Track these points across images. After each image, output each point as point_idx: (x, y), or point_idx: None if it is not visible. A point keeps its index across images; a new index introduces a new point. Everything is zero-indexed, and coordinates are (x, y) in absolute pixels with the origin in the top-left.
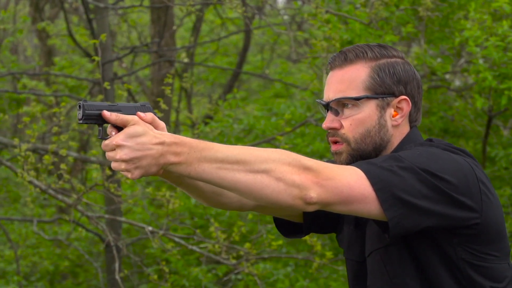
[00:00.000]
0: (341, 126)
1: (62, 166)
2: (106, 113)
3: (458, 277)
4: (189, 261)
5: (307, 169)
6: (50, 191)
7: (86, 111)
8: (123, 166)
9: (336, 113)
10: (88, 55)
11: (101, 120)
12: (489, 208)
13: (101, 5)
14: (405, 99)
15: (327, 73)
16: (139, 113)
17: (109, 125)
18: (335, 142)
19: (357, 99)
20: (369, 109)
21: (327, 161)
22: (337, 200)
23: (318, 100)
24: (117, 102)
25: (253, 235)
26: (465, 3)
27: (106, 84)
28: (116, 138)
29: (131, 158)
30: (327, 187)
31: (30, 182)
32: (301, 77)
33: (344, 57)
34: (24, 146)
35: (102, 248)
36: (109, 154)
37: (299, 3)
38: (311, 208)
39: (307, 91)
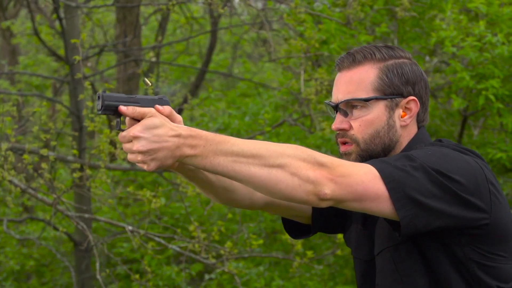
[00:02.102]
0: (350, 127)
1: (43, 165)
2: (122, 108)
3: (466, 277)
4: (160, 260)
5: (321, 165)
6: (30, 190)
7: (106, 102)
8: (139, 157)
9: (345, 114)
10: (54, 54)
11: (118, 112)
12: (498, 208)
13: (73, 4)
14: (413, 99)
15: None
16: (157, 106)
17: (128, 117)
18: (344, 143)
19: (367, 100)
20: (378, 110)
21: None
22: (351, 197)
23: (326, 102)
24: (136, 95)
25: (229, 234)
26: (436, 3)
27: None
28: (133, 129)
29: (148, 150)
30: (341, 184)
31: (10, 181)
32: (267, 76)
33: (352, 59)
34: (5, 146)
35: (71, 247)
36: (126, 146)
37: (276, 4)
38: (324, 204)
39: (284, 90)
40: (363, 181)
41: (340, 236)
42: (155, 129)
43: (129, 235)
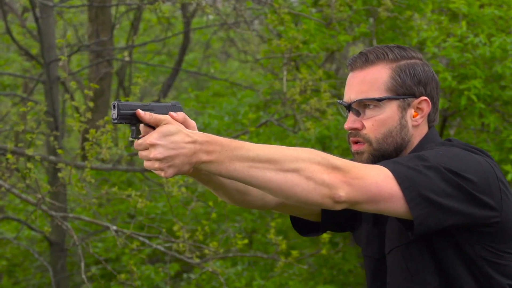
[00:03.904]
0: (363, 126)
1: (29, 165)
2: (140, 112)
3: (476, 274)
4: (137, 260)
5: (336, 168)
6: (14, 190)
7: (121, 111)
8: (156, 165)
9: (358, 114)
10: (27, 53)
11: (134, 120)
12: (508, 206)
13: (50, 3)
14: (425, 99)
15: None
16: (171, 112)
17: (142, 124)
18: (356, 142)
19: (380, 100)
20: (390, 110)
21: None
22: (365, 199)
23: (339, 101)
24: (149, 102)
25: (208, 233)
26: (414, 3)
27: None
28: (150, 137)
29: (165, 157)
30: (356, 186)
31: None
32: (240, 75)
33: (365, 59)
34: None
35: (45, 247)
36: (142, 153)
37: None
38: (339, 207)
39: (265, 90)
40: (377, 182)
41: (324, 235)
42: (171, 136)
43: (114, 234)
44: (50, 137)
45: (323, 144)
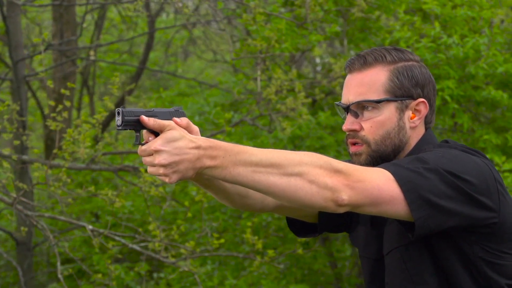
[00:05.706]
0: (361, 128)
1: (5, 164)
2: (144, 118)
3: (475, 274)
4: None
5: (338, 171)
6: None
7: (126, 117)
8: (161, 171)
9: (356, 116)
10: None
11: (139, 126)
12: (506, 207)
13: (19, 2)
14: (422, 101)
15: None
16: (175, 118)
17: (145, 130)
18: (354, 144)
19: (378, 101)
20: (389, 112)
21: (346, 162)
22: (367, 202)
23: (337, 103)
24: (153, 108)
25: (179, 233)
26: (383, 3)
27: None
28: (154, 143)
29: (170, 163)
30: (358, 189)
31: None
32: (206, 75)
33: (363, 61)
34: None
35: (9, 247)
36: (146, 159)
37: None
38: (342, 210)
39: (239, 90)
40: (378, 185)
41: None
42: (175, 142)
43: (90, 234)
44: (23, 137)
45: (294, 144)
